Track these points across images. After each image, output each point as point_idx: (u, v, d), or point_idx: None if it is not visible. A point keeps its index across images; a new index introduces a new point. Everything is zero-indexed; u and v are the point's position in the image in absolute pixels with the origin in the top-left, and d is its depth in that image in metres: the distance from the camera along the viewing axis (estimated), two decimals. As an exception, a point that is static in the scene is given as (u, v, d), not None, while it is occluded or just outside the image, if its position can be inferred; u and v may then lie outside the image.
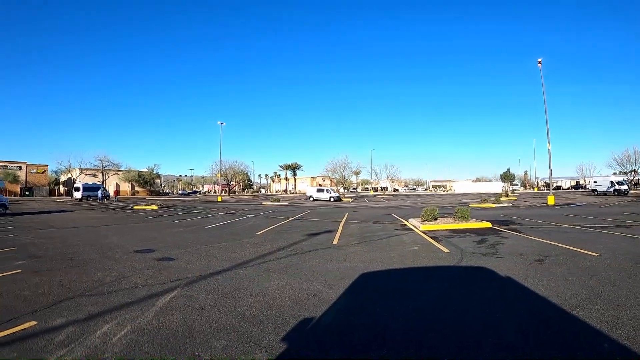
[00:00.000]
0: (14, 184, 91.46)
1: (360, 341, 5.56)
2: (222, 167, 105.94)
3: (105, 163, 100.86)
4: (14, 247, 14.80)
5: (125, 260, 11.86)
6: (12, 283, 9.06)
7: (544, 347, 5.23)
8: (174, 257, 12.33)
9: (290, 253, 13.09)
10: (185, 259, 12.03)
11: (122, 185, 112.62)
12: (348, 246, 14.47)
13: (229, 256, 12.58)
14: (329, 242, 15.55)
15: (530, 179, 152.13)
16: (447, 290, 8.41)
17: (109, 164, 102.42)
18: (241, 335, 5.75)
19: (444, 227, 19.16)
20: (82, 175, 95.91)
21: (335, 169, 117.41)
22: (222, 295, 8.01)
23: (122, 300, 7.66)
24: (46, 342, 5.53)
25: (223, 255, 12.82)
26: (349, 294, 8.04)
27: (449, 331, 5.87)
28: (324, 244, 15.05)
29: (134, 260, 11.86)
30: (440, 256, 12.08)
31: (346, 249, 13.73)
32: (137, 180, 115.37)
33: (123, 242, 16.23)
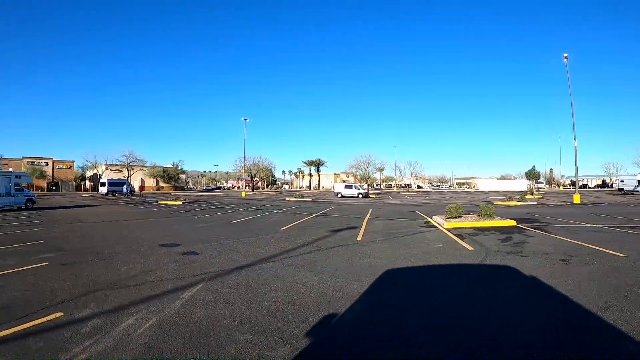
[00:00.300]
0: (41, 180, 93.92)
1: (384, 337, 5.54)
2: (246, 163, 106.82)
3: (131, 159, 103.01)
4: (41, 240, 15.19)
5: (150, 254, 12.06)
6: (39, 275, 9.31)
7: (567, 349, 5.13)
8: (198, 252, 12.48)
9: (314, 249, 13.14)
10: (210, 254, 12.17)
11: (147, 180, 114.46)
12: (372, 243, 14.46)
13: (253, 251, 12.68)
14: (352, 239, 15.56)
15: (556, 177, 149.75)
16: (471, 288, 8.36)
17: (134, 160, 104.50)
18: (265, 330, 5.78)
19: (469, 225, 19.10)
20: (107, 171, 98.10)
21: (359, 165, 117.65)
22: (246, 289, 8.07)
23: (148, 293, 7.80)
24: (72, 332, 5.66)
25: (247, 250, 12.93)
26: (373, 290, 8.04)
27: (472, 330, 5.81)
28: (348, 240, 15.05)
29: (159, 254, 12.05)
30: (465, 254, 12.01)
31: (370, 246, 13.73)
32: (161, 175, 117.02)
33: (148, 236, 16.52)
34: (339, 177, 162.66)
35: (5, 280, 8.84)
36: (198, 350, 5.08)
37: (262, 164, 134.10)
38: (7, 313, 6.55)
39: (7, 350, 5.08)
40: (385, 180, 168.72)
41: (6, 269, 9.89)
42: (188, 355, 4.94)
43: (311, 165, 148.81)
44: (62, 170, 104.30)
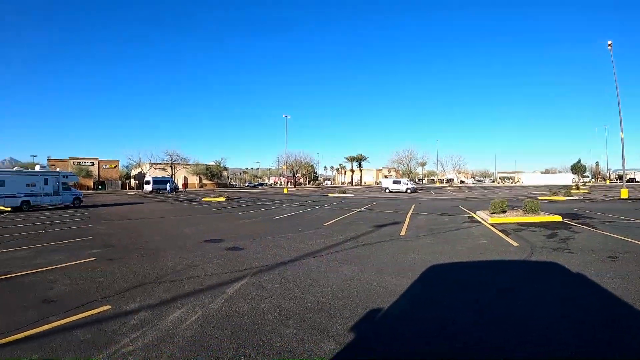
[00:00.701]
0: (87, 179, 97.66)
1: (428, 334, 5.48)
2: (287, 160, 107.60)
3: (174, 157, 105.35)
4: (89, 236, 15.82)
5: (195, 250, 12.33)
6: (88, 270, 9.69)
7: (614, 348, 4.94)
8: (242, 247, 12.67)
9: (357, 244, 13.14)
10: (254, 249, 12.33)
11: (191, 178, 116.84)
12: (416, 238, 14.37)
13: (296, 246, 12.78)
14: (396, 234, 15.49)
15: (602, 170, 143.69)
16: (517, 285, 8.20)
17: (178, 158, 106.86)
18: (309, 324, 5.81)
19: (513, 220, 18.81)
20: (151, 170, 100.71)
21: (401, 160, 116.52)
22: (291, 284, 8.14)
23: (193, 287, 7.98)
24: (120, 325, 5.84)
25: (291, 245, 13.04)
26: (417, 286, 7.97)
27: (518, 328, 5.65)
28: (392, 236, 15.01)
29: (204, 250, 12.30)
30: (510, 250, 11.79)
31: (414, 241, 13.63)
32: (204, 173, 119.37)
33: (193, 232, 16.91)
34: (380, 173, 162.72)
35: (56, 274, 9.24)
36: (243, 344, 5.14)
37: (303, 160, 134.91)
38: (58, 305, 6.85)
39: (57, 340, 5.29)
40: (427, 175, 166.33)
41: (56, 264, 10.36)
42: (234, 348, 5.00)
43: (353, 160, 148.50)
44: (107, 170, 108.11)
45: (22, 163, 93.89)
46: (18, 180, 31.67)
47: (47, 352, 4.91)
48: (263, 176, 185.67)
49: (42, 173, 34.55)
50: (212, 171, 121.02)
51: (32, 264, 10.45)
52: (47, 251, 12.40)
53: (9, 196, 30.56)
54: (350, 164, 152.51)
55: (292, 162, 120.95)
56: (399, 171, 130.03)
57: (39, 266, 10.10)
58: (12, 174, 32.94)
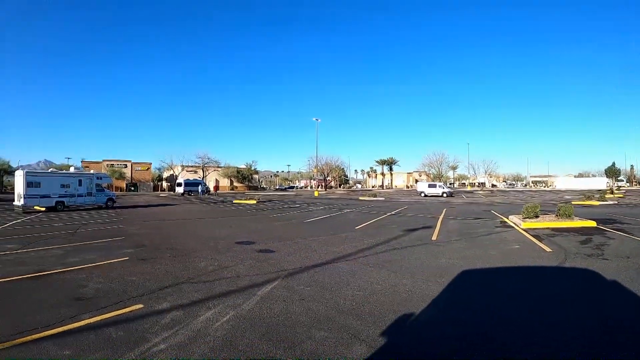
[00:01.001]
0: (120, 180, 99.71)
1: (459, 341, 5.38)
2: (318, 163, 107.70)
3: (205, 160, 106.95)
4: (122, 236, 16.18)
5: (226, 251, 12.45)
6: (121, 269, 9.89)
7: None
8: (274, 250, 12.71)
9: (389, 248, 13.08)
10: (285, 252, 12.37)
11: (222, 180, 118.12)
12: (447, 243, 14.25)
13: (327, 250, 12.76)
14: (427, 238, 15.39)
15: (637, 174, 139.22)
16: (551, 292, 8.03)
17: (209, 161, 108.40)
18: (341, 328, 5.80)
19: (546, 225, 18.58)
20: (183, 172, 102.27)
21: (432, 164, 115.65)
22: (322, 287, 8.14)
23: (225, 288, 8.05)
24: (152, 324, 5.93)
25: (322, 248, 13.03)
26: (449, 291, 7.90)
27: (552, 336, 5.51)
28: (423, 240, 14.90)
29: (235, 251, 12.40)
30: (543, 256, 11.61)
31: (445, 246, 13.52)
32: (235, 176, 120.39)
33: (224, 234, 17.08)
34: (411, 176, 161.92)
35: (89, 273, 9.46)
36: (275, 345, 5.15)
37: (334, 164, 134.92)
38: (91, 303, 7.00)
39: (89, 337, 5.39)
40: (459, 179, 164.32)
41: (90, 263, 10.61)
42: (265, 350, 5.01)
43: (383, 164, 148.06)
44: (140, 172, 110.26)
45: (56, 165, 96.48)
46: (53, 181, 32.66)
47: (79, 349, 5.02)
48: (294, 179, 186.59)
49: (77, 174, 35.47)
50: (243, 174, 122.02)
51: (65, 262, 10.73)
52: (80, 250, 12.71)
53: (44, 196, 31.51)
54: (380, 167, 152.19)
55: (322, 165, 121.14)
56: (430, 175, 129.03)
57: (73, 264, 10.37)
58: (47, 175, 34.00)
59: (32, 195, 30.69)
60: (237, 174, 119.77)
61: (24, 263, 10.65)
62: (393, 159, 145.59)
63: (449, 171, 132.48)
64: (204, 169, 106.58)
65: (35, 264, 10.56)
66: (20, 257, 11.63)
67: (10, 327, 5.77)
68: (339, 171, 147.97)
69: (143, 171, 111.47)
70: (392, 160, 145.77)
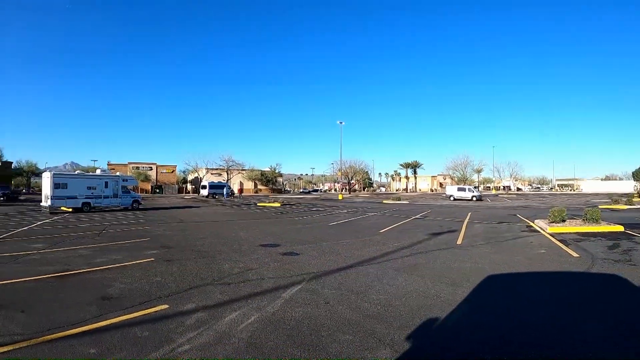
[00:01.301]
0: (146, 183, 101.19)
1: (485, 347, 5.30)
2: (342, 166, 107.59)
3: (230, 163, 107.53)
4: (147, 237, 16.42)
5: (251, 253, 12.51)
6: (146, 270, 10.02)
7: None
8: (298, 252, 12.74)
9: (413, 252, 13.01)
10: (310, 254, 12.38)
11: (246, 183, 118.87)
12: (472, 247, 14.10)
13: (352, 253, 12.74)
14: (452, 242, 15.27)
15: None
16: (578, 298, 7.87)
17: (233, 164, 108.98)
18: (366, 331, 5.77)
19: (573, 230, 18.28)
20: (208, 174, 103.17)
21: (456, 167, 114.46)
22: (347, 291, 8.11)
23: (249, 290, 8.07)
24: (177, 324, 5.98)
25: (346, 252, 13.00)
26: (474, 296, 7.80)
27: (578, 344, 5.38)
28: (448, 244, 14.79)
29: (260, 254, 12.45)
30: (570, 261, 11.39)
31: (471, 250, 13.39)
32: (259, 178, 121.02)
33: (249, 236, 17.16)
34: (435, 180, 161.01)
35: (114, 273, 9.62)
36: (299, 348, 5.14)
37: (358, 167, 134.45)
38: (117, 303, 7.10)
39: (115, 336, 5.46)
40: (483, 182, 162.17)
41: (115, 263, 10.79)
42: (289, 352, 5.00)
43: (407, 167, 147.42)
44: (165, 174, 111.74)
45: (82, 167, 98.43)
46: (79, 183, 33.40)
47: (104, 348, 5.08)
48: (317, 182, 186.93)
49: (103, 176, 36.20)
50: (267, 177, 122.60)
51: (92, 262, 10.93)
52: (106, 250, 12.94)
53: (70, 197, 32.27)
54: (404, 170, 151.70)
55: (346, 169, 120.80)
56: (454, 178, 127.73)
57: (99, 264, 10.56)
58: (74, 177, 34.80)
59: (59, 196, 31.50)
60: (261, 177, 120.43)
61: (50, 262, 10.87)
62: (417, 162, 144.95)
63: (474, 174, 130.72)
64: (228, 171, 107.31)
65: (62, 263, 10.78)
66: (47, 256, 11.89)
67: (37, 325, 5.89)
68: (363, 174, 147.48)
69: (168, 174, 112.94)
70: (416, 164, 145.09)
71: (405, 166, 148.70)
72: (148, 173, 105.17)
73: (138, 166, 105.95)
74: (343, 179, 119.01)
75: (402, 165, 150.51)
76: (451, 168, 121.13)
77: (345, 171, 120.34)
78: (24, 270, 9.87)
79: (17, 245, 14.17)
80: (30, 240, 15.30)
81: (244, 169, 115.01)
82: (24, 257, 11.77)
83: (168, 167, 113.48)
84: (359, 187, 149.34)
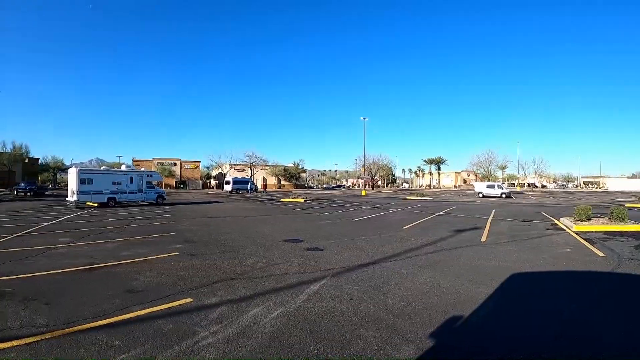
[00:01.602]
0: (170, 178, 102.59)
1: (508, 346, 5.25)
2: (366, 162, 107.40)
3: (253, 159, 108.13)
4: (172, 232, 16.63)
5: (275, 249, 12.57)
6: (171, 264, 10.15)
7: None
8: (322, 248, 12.76)
9: (437, 249, 12.94)
10: (333, 250, 12.38)
11: (269, 179, 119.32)
12: (497, 245, 13.96)
13: (375, 249, 12.72)
14: (476, 240, 15.14)
15: None
16: (603, 299, 7.72)
17: (257, 160, 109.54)
18: (389, 328, 5.76)
19: (599, 229, 17.96)
20: (231, 170, 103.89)
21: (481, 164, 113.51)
22: (370, 287, 8.10)
23: (273, 285, 8.12)
24: (200, 317, 6.04)
25: (370, 247, 12.99)
26: (498, 295, 7.71)
27: (602, 346, 5.29)
28: (472, 241, 14.67)
29: (284, 249, 12.50)
30: (595, 260, 11.20)
31: (495, 248, 13.25)
32: (283, 174, 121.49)
33: (272, 231, 17.25)
34: (459, 176, 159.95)
35: (139, 266, 9.77)
36: (322, 343, 5.15)
37: (381, 163, 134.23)
38: (141, 296, 7.22)
39: (139, 328, 5.55)
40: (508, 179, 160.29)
41: (140, 257, 10.96)
42: (312, 347, 5.01)
43: (431, 163, 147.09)
44: (189, 170, 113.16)
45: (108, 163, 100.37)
46: (105, 179, 34.03)
47: (129, 340, 5.16)
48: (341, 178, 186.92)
49: (128, 172, 36.78)
50: (291, 172, 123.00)
51: (117, 255, 11.13)
52: (131, 244, 13.15)
53: (96, 193, 32.88)
54: (428, 166, 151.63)
55: (370, 164, 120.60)
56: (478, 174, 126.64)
57: (124, 258, 10.74)
58: (100, 172, 35.41)
59: (84, 191, 32.12)
60: (284, 173, 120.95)
61: (76, 256, 11.08)
62: (441, 158, 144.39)
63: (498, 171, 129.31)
64: (252, 167, 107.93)
65: (88, 257, 10.98)
66: (73, 250, 12.14)
67: (63, 316, 6.02)
68: (387, 170, 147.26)
69: (192, 169, 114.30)
70: (440, 160, 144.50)
71: (429, 162, 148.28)
72: (172, 169, 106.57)
73: (162, 162, 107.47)
74: (366, 175, 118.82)
75: (426, 161, 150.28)
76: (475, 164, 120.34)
77: (369, 167, 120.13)
78: (50, 263, 10.10)
79: (43, 239, 14.47)
80: (56, 234, 15.64)
81: (267, 164, 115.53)
82: (50, 250, 12.03)
83: (192, 163, 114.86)
84: (382, 183, 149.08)
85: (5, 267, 9.53)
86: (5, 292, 7.43)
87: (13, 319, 5.92)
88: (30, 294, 7.32)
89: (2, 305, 6.64)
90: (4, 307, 6.49)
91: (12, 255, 11.18)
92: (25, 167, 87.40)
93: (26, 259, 10.68)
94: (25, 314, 6.15)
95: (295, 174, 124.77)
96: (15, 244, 13.02)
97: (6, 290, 7.51)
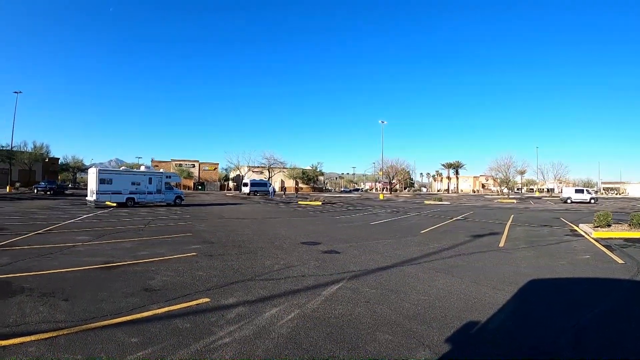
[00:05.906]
0: (188, 179, 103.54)
1: (526, 353, 5.17)
2: (384, 165, 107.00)
3: (271, 161, 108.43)
4: (190, 232, 16.81)
5: (292, 251, 12.63)
6: (189, 264, 10.24)
7: None
8: (339, 251, 12.76)
9: (455, 253, 12.86)
10: (350, 253, 12.37)
11: (287, 181, 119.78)
12: (515, 250, 13.82)
13: (393, 253, 12.69)
14: (494, 245, 15.01)
15: None
16: (622, 307, 7.57)
17: (275, 162, 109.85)
18: (405, 332, 5.74)
19: (618, 235, 17.66)
20: (249, 172, 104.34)
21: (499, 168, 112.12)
22: (387, 290, 8.08)
23: (290, 287, 8.15)
24: (217, 317, 6.09)
25: (387, 251, 12.96)
26: (516, 300, 7.63)
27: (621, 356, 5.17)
28: (490, 247, 14.54)
29: (301, 252, 12.54)
30: (614, 267, 11.00)
31: (513, 253, 13.11)
32: (300, 177, 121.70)
33: (290, 234, 17.32)
34: (477, 180, 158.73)
35: (157, 266, 9.89)
36: (339, 345, 5.15)
37: (399, 166, 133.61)
38: (158, 295, 7.30)
39: (156, 327, 5.62)
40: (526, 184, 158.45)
41: (158, 257, 11.09)
42: (328, 349, 5.02)
43: (449, 167, 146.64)
44: (207, 172, 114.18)
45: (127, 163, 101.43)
46: (124, 179, 34.56)
47: (146, 338, 5.22)
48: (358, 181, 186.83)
49: (147, 173, 37.27)
50: (309, 175, 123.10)
51: (135, 255, 11.28)
52: (149, 244, 13.31)
53: (115, 193, 33.39)
54: (446, 170, 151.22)
55: (387, 168, 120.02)
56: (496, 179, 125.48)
57: (142, 257, 10.88)
58: (119, 173, 35.94)
59: (104, 191, 32.62)
60: (302, 176, 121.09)
61: (95, 254, 11.26)
62: (459, 163, 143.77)
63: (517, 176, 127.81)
64: (270, 169, 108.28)
65: (106, 255, 11.15)
66: (92, 248, 12.33)
67: (81, 314, 6.11)
68: (405, 174, 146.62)
69: (210, 171, 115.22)
70: (458, 164, 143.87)
71: (447, 166, 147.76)
72: (191, 170, 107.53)
73: (181, 163, 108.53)
74: (384, 179, 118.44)
75: (444, 166, 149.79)
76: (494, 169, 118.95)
77: (387, 171, 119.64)
78: (69, 261, 10.27)
79: (63, 237, 14.72)
80: (75, 233, 15.90)
81: (285, 167, 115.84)
82: (69, 248, 12.24)
83: (210, 165, 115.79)
84: (400, 187, 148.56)
85: (24, 264, 9.74)
86: (24, 287, 7.58)
87: (32, 314, 6.03)
88: (49, 290, 7.46)
89: (22, 300, 6.78)
90: (23, 303, 6.62)
91: (32, 252, 11.40)
92: (46, 166, 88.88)
93: (45, 256, 10.87)
94: (44, 310, 6.26)
95: (313, 176, 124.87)
96: (34, 241, 13.27)
97: (25, 286, 7.66)
